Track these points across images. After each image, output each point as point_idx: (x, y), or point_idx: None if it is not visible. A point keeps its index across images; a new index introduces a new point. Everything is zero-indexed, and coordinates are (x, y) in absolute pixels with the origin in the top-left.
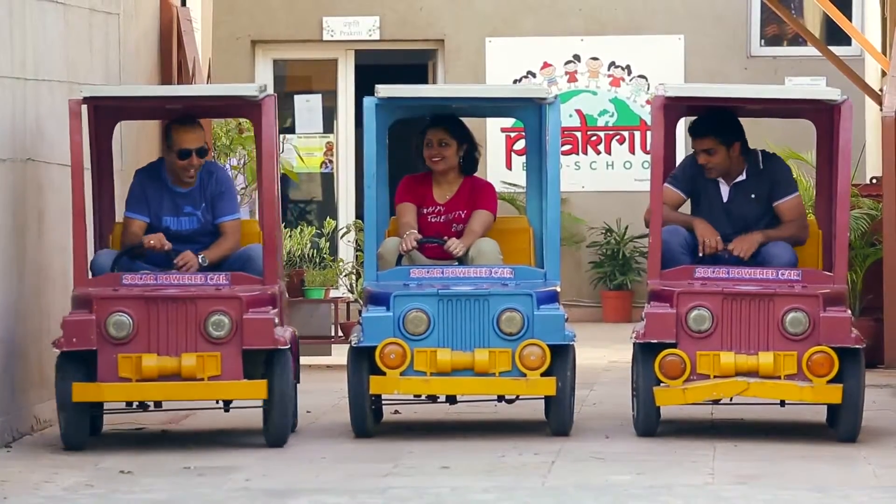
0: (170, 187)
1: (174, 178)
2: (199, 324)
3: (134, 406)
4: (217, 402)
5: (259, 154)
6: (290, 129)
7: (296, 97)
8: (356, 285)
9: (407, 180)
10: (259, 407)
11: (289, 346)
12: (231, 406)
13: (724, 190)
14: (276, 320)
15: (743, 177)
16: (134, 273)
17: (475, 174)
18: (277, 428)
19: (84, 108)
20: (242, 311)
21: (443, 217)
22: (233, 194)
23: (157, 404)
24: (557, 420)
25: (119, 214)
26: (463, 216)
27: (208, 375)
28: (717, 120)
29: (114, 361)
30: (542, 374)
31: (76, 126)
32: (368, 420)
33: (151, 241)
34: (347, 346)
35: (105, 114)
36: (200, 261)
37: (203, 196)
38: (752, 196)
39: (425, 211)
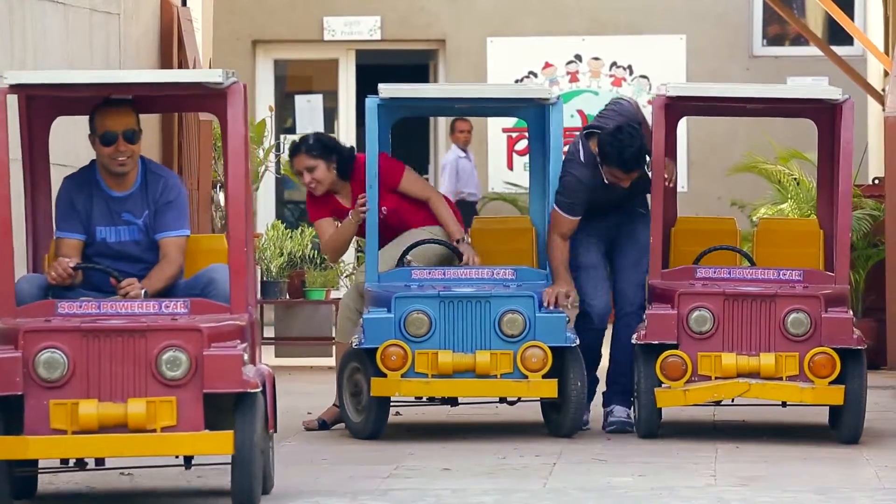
0: (104, 191)
1: (108, 179)
2: (150, 362)
3: (70, 464)
4: (176, 457)
5: (224, 153)
6: (291, 130)
7: (297, 97)
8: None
9: (310, 198)
10: (226, 464)
11: (261, 389)
12: (193, 463)
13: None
14: (246, 357)
15: None
16: (72, 300)
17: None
18: (244, 490)
19: (15, 100)
20: (203, 346)
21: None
22: (182, 206)
23: (99, 461)
24: (558, 423)
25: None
26: (383, 202)
27: (161, 426)
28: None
29: (44, 409)
30: (544, 377)
31: (1, 120)
32: None
33: (52, 273)
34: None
35: (40, 107)
36: (144, 291)
37: (146, 202)
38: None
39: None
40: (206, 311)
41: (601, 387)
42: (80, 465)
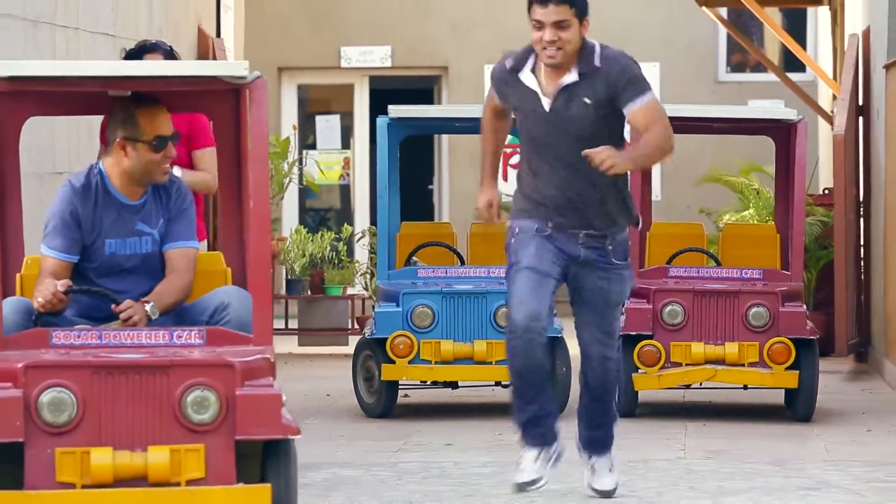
0: (116, 199)
1: (124, 186)
2: (174, 403)
3: None
4: None
5: (240, 157)
6: (312, 146)
7: (317, 117)
8: (370, 283)
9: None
10: None
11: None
12: None
13: (546, 101)
14: (284, 397)
15: (573, 77)
16: (66, 329)
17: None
18: None
19: None
20: (235, 385)
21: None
22: (193, 215)
23: None
24: None
25: (31, 244)
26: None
27: (187, 478)
28: None
29: (49, 459)
30: None
31: None
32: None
33: (39, 298)
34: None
35: (10, 105)
36: (149, 312)
37: (161, 211)
38: (586, 101)
39: None
40: (225, 341)
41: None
42: None
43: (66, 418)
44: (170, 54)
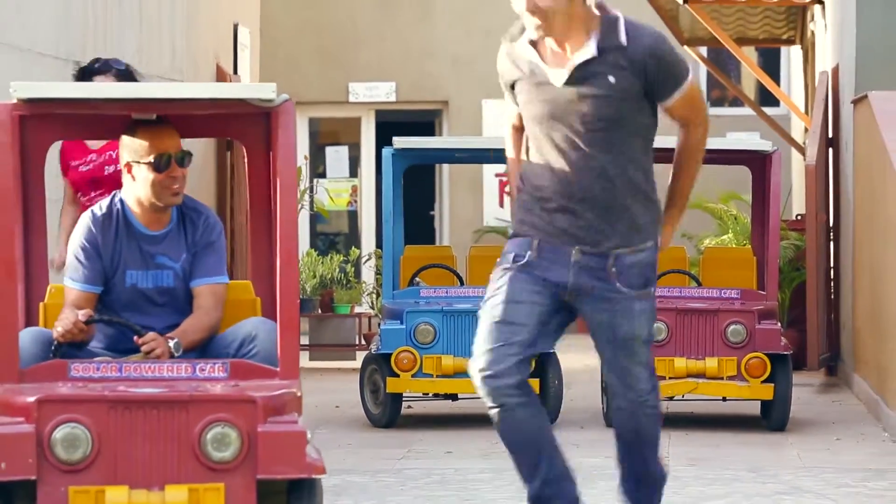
0: (137, 229)
1: (143, 214)
2: (194, 440)
3: None
4: None
5: (268, 185)
6: (323, 175)
7: (327, 148)
8: (376, 303)
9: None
10: None
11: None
12: None
13: (558, 74)
14: (310, 434)
15: (590, 52)
16: (87, 362)
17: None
18: None
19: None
20: (258, 421)
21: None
22: (222, 249)
23: None
24: None
25: (54, 273)
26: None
27: None
28: None
29: (63, 498)
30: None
31: (5, 143)
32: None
33: (59, 328)
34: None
35: (36, 127)
36: (172, 348)
37: (185, 243)
38: (611, 80)
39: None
40: (249, 375)
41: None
42: None
43: (81, 455)
44: (125, 74)
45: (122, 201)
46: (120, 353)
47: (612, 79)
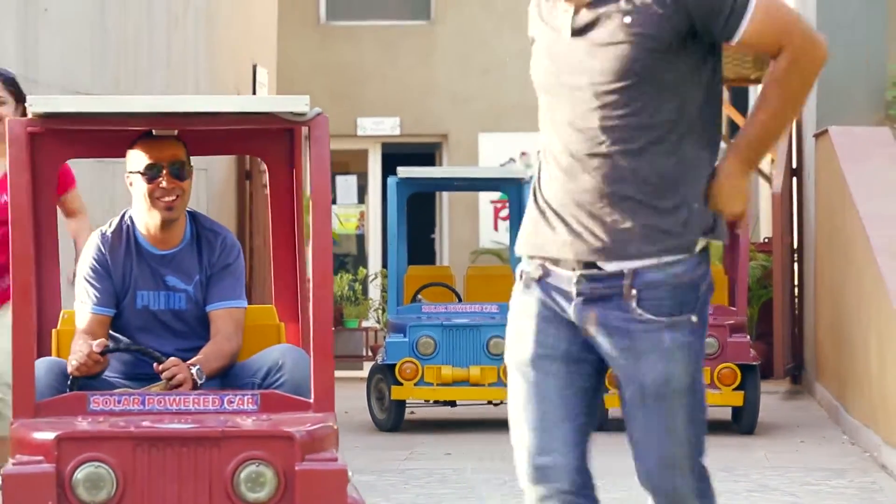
0: (145, 248)
1: (149, 233)
2: (227, 480)
3: None
4: None
5: (291, 204)
6: (333, 201)
7: (337, 177)
8: (382, 318)
9: None
10: None
11: None
12: None
13: (567, 21)
14: (351, 472)
15: None
16: (106, 394)
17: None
18: None
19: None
20: (295, 458)
21: None
22: (241, 272)
23: None
24: None
25: (68, 299)
26: None
27: None
28: None
29: None
30: None
31: (20, 161)
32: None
33: (73, 361)
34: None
35: (49, 145)
36: (195, 375)
37: (200, 264)
38: (626, 22)
39: None
40: (281, 407)
41: None
42: None
43: (105, 496)
44: (11, 83)
45: (131, 218)
46: (137, 380)
47: (627, 19)
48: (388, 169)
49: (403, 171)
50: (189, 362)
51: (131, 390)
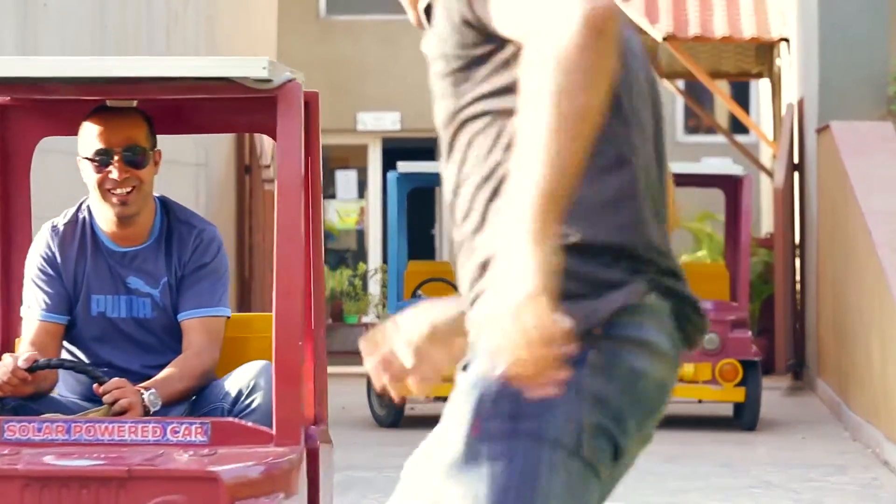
0: (103, 245)
1: (108, 226)
2: None
3: None
4: None
5: (310, 186)
6: (333, 196)
7: (337, 172)
8: (382, 313)
9: None
10: None
11: None
12: None
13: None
14: None
15: None
16: (26, 420)
17: None
18: None
19: None
20: None
21: None
22: (222, 272)
23: None
24: None
25: None
26: None
27: None
28: None
29: None
30: None
31: None
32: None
33: None
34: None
35: (20, 121)
36: (147, 400)
37: (169, 264)
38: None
39: None
40: (238, 439)
41: None
42: None
43: None
44: None
45: (89, 208)
46: (97, 402)
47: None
48: (388, 164)
49: (404, 167)
50: (143, 384)
51: (57, 416)
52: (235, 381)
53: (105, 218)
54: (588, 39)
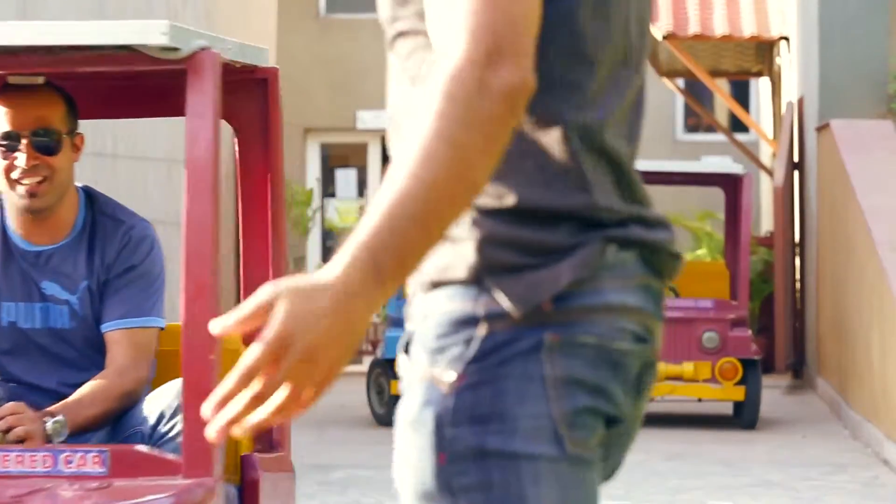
0: (14, 244)
1: (19, 221)
2: None
3: None
4: None
5: (264, 180)
6: (333, 195)
7: (337, 171)
8: (381, 312)
9: None
10: None
11: None
12: None
13: None
14: None
15: None
16: None
17: None
18: None
19: None
20: None
21: None
22: (154, 277)
23: None
24: None
25: None
26: None
27: None
28: None
29: None
30: None
31: None
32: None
33: None
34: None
35: None
36: (50, 429)
37: (90, 265)
38: None
39: None
40: (139, 470)
41: None
42: None
43: None
44: None
45: (1, 203)
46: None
47: None
48: (387, 162)
49: None
50: (51, 408)
51: None
52: (156, 403)
53: (18, 211)
54: (503, 113)
